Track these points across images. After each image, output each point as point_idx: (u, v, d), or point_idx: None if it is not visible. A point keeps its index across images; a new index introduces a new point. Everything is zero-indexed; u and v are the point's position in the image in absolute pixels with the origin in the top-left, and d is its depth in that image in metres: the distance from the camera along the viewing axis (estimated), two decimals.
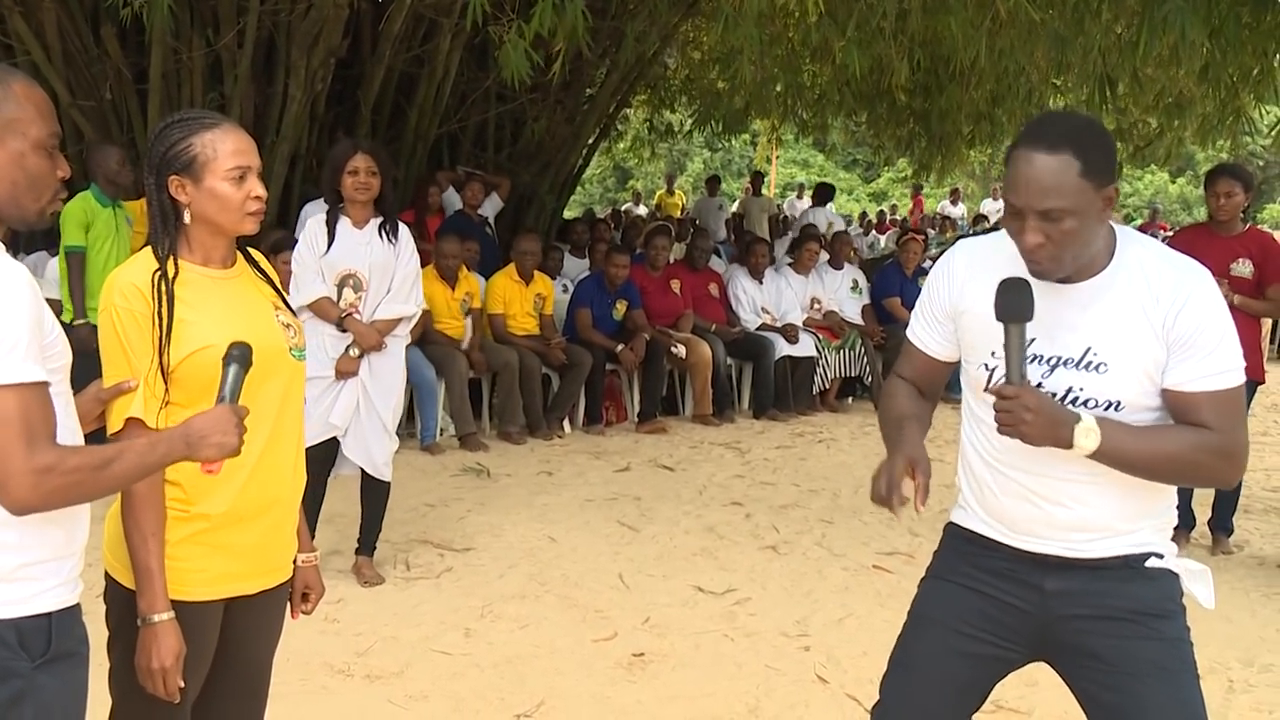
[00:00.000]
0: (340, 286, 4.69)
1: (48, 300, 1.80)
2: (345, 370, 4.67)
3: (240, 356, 1.98)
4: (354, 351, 4.68)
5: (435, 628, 4.39)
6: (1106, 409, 2.07)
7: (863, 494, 6.60)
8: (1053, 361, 2.11)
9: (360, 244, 4.67)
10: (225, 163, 2.12)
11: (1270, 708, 3.89)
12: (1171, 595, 2.16)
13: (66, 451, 1.72)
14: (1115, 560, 2.15)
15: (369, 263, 4.68)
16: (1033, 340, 2.10)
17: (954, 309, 2.25)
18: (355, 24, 8.72)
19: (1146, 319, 2.04)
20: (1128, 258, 2.08)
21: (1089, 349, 2.08)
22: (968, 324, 2.22)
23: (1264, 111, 9.62)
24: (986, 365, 2.17)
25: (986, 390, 2.13)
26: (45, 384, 1.71)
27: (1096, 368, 2.08)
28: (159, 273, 2.10)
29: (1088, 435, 1.99)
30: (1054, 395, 2.09)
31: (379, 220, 4.67)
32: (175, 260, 2.14)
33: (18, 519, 1.72)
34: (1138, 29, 6.99)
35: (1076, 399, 2.08)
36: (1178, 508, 2.27)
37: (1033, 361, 2.11)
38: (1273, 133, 7.24)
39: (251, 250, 2.32)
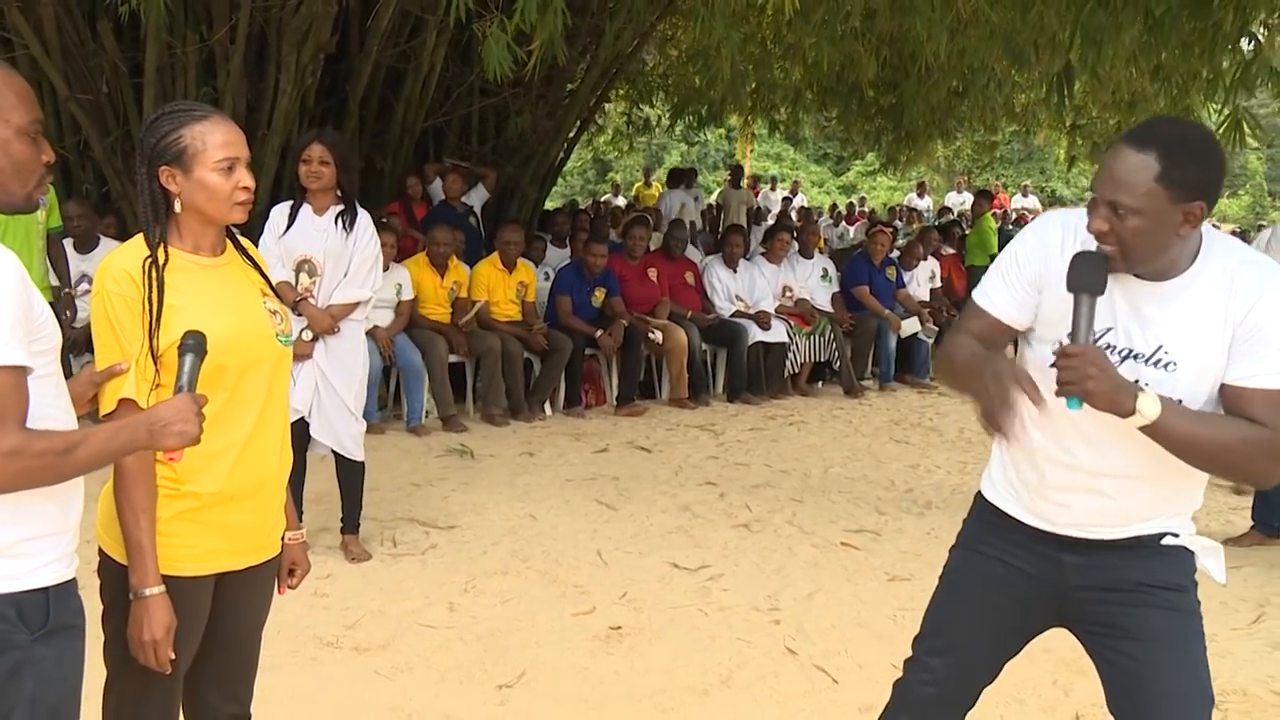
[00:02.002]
0: (296, 271, 4.66)
1: None
2: (299, 353, 4.64)
3: (195, 346, 1.95)
4: (307, 335, 4.65)
5: (421, 602, 4.38)
6: None
7: (832, 474, 6.64)
8: (1124, 353, 2.07)
9: (317, 230, 4.64)
10: (214, 154, 2.10)
11: (1213, 674, 3.89)
12: (1184, 570, 2.17)
13: (34, 435, 1.68)
14: (1131, 540, 2.16)
15: (324, 249, 4.64)
16: (1109, 330, 2.07)
17: (1042, 279, 2.16)
18: (344, 21, 8.66)
19: (1220, 320, 2.00)
20: (1213, 260, 2.03)
21: (1160, 347, 2.04)
22: (1051, 298, 2.14)
23: (1211, 110, 9.69)
24: (1062, 342, 2.03)
25: (1054, 353, 2.02)
26: (22, 368, 1.68)
27: (1165, 366, 2.03)
28: (150, 260, 2.08)
29: (1150, 403, 1.93)
30: None
31: (339, 208, 4.64)
32: (166, 248, 2.12)
33: (13, 496, 1.71)
34: (1070, 34, 7.07)
35: None
36: None
37: (1106, 349, 2.05)
38: (1220, 131, 7.29)
39: (241, 238, 2.30)
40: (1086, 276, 1.99)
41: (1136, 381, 2.01)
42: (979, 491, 2.40)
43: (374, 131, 9.46)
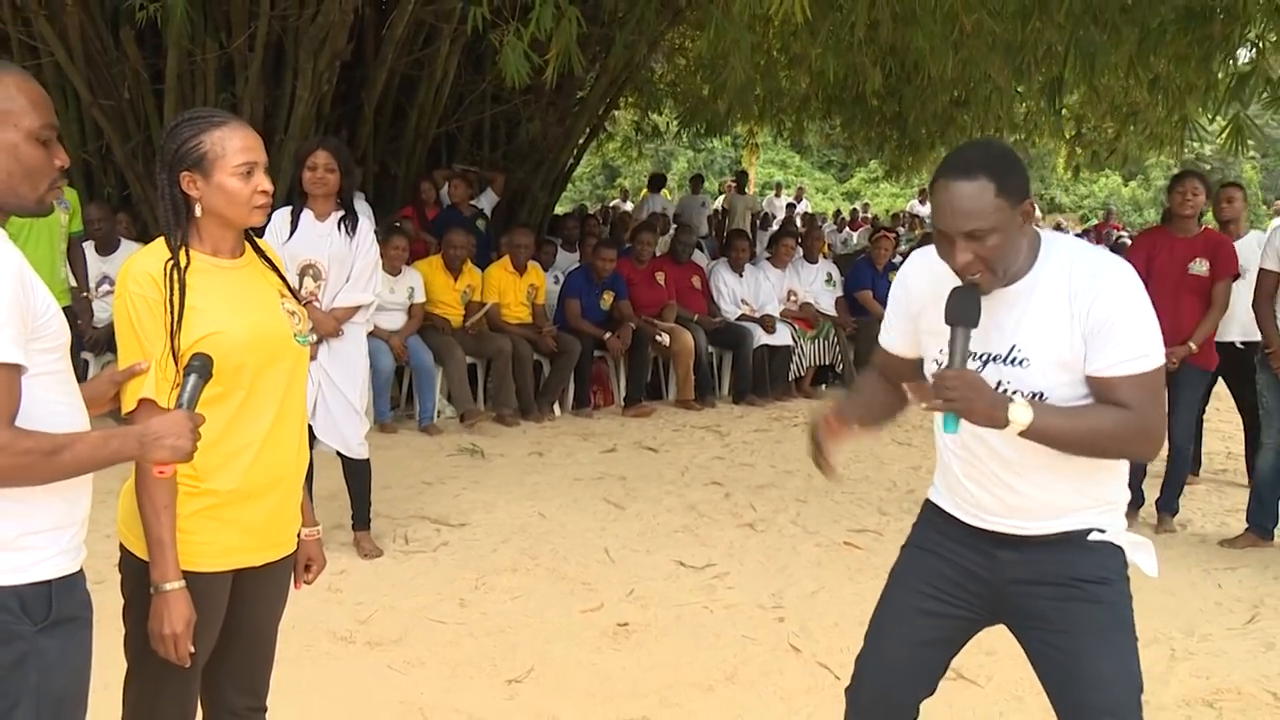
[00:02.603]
0: (301, 275, 4.63)
1: None
2: None
3: (200, 368, 1.96)
4: (312, 337, 4.64)
5: (432, 598, 4.39)
6: (1031, 399, 2.12)
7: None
8: (984, 358, 2.18)
9: (320, 236, 4.62)
10: (233, 159, 2.11)
11: (1208, 673, 3.92)
12: (1109, 564, 2.23)
13: (20, 434, 1.67)
14: (1058, 535, 2.23)
15: (328, 254, 4.63)
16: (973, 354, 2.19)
17: (913, 313, 2.34)
18: (360, 29, 8.67)
19: (1066, 314, 2.10)
20: (1050, 259, 2.15)
21: (1014, 346, 2.15)
22: (924, 327, 2.30)
23: (1210, 119, 9.70)
24: (937, 362, 2.23)
25: (931, 376, 2.18)
26: (15, 366, 1.67)
27: (1020, 363, 2.14)
28: (171, 262, 2.09)
29: (1021, 411, 2.04)
30: None
31: (340, 214, 4.64)
32: (187, 251, 2.12)
33: (17, 491, 1.71)
34: (1066, 49, 7.08)
35: (1005, 391, 2.15)
36: (1130, 486, 2.37)
37: (970, 358, 2.17)
38: (1220, 137, 7.29)
39: (259, 241, 2.30)
40: (961, 310, 2.12)
41: (999, 385, 2.14)
42: (926, 498, 2.47)
43: (388, 137, 9.47)
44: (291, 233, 4.60)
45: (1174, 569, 5.01)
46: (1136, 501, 5.62)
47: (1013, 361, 2.15)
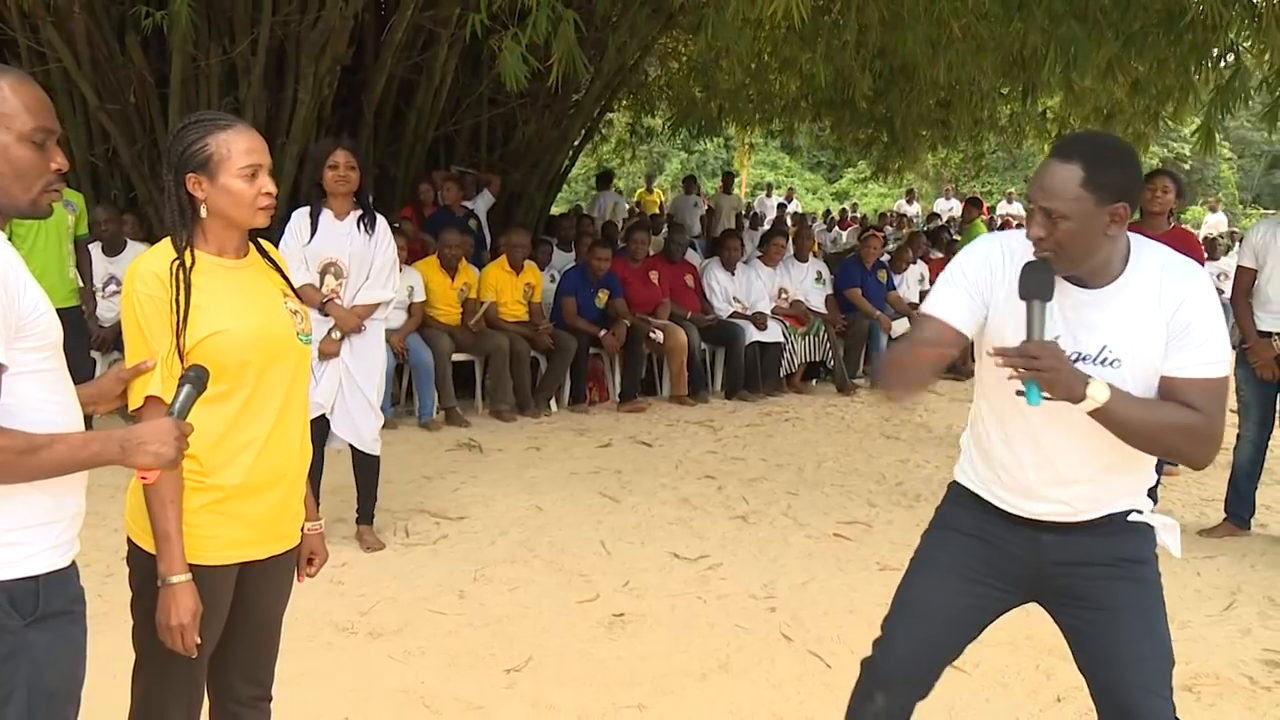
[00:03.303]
0: (322, 274, 4.64)
1: None
2: (327, 352, 4.62)
3: (195, 378, 1.94)
4: (335, 334, 4.64)
5: (432, 590, 4.39)
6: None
7: (825, 468, 6.63)
8: (1073, 357, 2.15)
9: (341, 234, 4.62)
10: (238, 161, 2.10)
11: (1187, 659, 3.92)
12: (1147, 544, 2.30)
13: None
14: (1104, 519, 2.26)
15: (349, 252, 4.63)
16: (1058, 337, 2.15)
17: (989, 289, 2.23)
18: (360, 34, 8.65)
19: (1155, 318, 2.12)
20: (1140, 263, 2.16)
21: (1105, 346, 2.16)
22: (1004, 313, 2.20)
23: (1188, 120, 9.75)
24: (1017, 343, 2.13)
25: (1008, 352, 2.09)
26: None
27: (1111, 363, 2.15)
28: (177, 262, 2.09)
29: (1100, 389, 2.04)
30: None
31: (358, 213, 4.64)
32: (192, 251, 2.12)
33: (2, 489, 1.69)
34: (1045, 47, 7.09)
35: None
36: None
37: None
38: (1195, 138, 7.31)
39: (263, 242, 2.30)
40: (1035, 283, 2.10)
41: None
42: (954, 481, 2.47)
43: (387, 139, 9.45)
44: (312, 232, 4.60)
45: None
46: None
47: (1103, 361, 2.15)
